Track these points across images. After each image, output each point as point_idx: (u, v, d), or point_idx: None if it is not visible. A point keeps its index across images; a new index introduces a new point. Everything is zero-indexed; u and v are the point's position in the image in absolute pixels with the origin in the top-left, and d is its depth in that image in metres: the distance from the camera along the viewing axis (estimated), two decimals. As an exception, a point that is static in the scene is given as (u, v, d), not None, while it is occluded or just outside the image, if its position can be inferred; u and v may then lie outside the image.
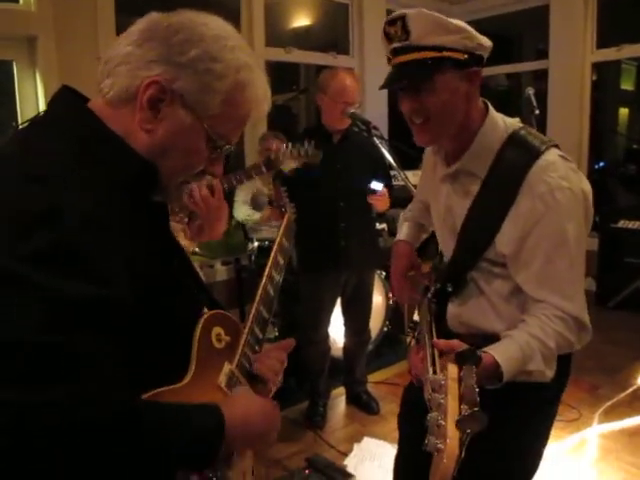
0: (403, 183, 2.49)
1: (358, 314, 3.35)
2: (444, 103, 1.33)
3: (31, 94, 3.63)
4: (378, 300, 3.86)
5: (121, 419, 0.77)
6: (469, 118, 1.39)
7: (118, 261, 0.82)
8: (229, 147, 1.00)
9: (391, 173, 3.17)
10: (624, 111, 7.68)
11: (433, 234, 1.73)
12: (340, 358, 3.49)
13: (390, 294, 3.91)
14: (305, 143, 2.00)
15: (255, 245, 3.83)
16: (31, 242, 0.75)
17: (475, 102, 1.40)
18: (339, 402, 3.53)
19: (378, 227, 3.75)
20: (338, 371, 3.52)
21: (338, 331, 3.49)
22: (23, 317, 0.72)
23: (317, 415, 3.27)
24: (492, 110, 1.43)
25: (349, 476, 2.65)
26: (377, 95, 4.76)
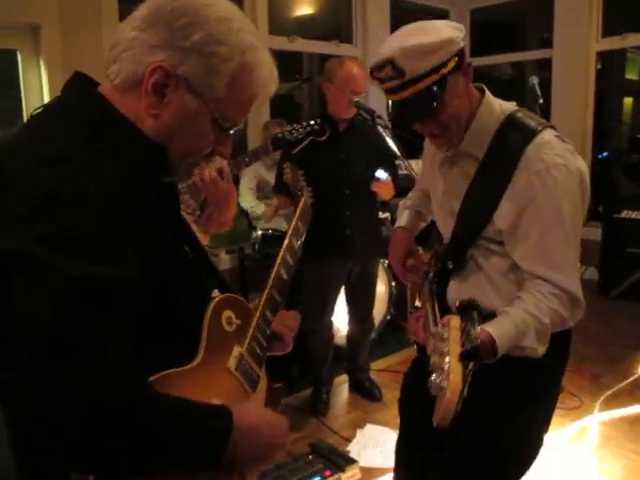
0: (407, 172, 2.50)
1: (362, 302, 3.36)
2: (456, 109, 1.37)
3: (35, 83, 3.62)
4: (381, 289, 3.87)
5: (132, 400, 0.78)
6: (469, 105, 1.42)
7: (127, 243, 0.83)
8: (237, 128, 1.00)
9: (396, 162, 3.17)
10: (628, 100, 7.63)
11: (435, 224, 1.74)
12: (343, 346, 3.52)
13: (393, 283, 3.93)
14: (310, 121, 2.01)
15: (259, 234, 3.84)
16: (40, 225, 0.76)
17: (471, 88, 1.43)
18: (342, 389, 3.55)
19: (381, 216, 3.75)
20: (341, 358, 3.54)
21: (341, 319, 3.51)
22: (34, 298, 0.74)
23: (320, 402, 3.30)
24: (488, 94, 1.46)
25: (352, 461, 2.66)
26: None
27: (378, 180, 2.99)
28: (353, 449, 2.88)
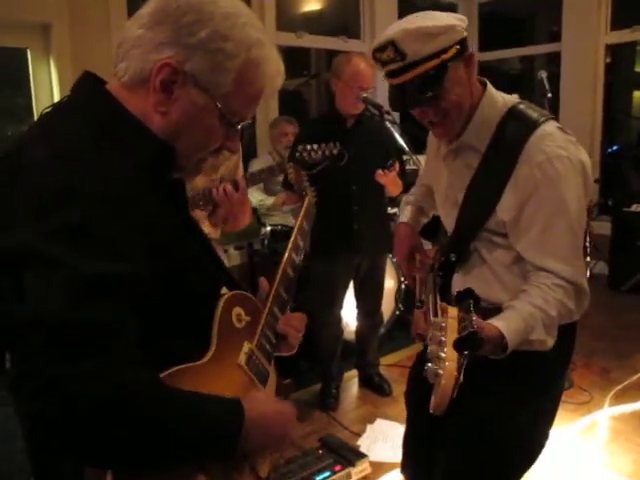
0: (415, 167, 2.50)
1: (370, 297, 3.37)
2: (457, 97, 1.38)
3: (45, 81, 3.66)
4: (390, 284, 3.88)
5: (145, 393, 0.80)
6: (471, 96, 1.43)
7: (136, 239, 0.84)
8: (245, 122, 1.00)
9: (404, 158, 3.17)
10: (638, 94, 7.56)
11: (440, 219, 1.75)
12: (352, 341, 3.53)
13: (402, 278, 3.94)
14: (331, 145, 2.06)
15: (268, 230, 3.86)
16: (50, 220, 0.78)
17: (473, 80, 1.44)
18: (352, 384, 3.57)
19: (390, 211, 3.76)
20: (351, 354, 3.56)
21: (350, 314, 3.52)
22: (45, 294, 0.75)
23: (330, 397, 3.31)
24: (490, 87, 1.47)
25: (362, 456, 2.68)
26: (389, 79, 4.73)
27: (384, 169, 2.97)
28: (363, 444, 2.89)
